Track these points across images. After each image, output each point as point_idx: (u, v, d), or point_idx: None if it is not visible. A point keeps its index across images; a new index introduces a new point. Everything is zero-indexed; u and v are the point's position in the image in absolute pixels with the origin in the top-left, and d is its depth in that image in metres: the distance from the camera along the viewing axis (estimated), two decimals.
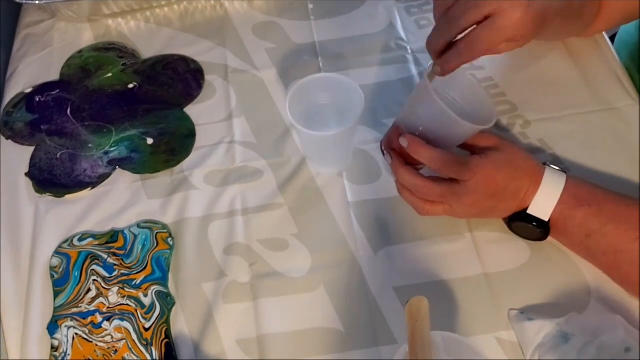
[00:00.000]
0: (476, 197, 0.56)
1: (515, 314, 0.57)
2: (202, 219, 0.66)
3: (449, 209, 0.58)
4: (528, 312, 0.57)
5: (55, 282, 0.62)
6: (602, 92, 0.71)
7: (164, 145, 0.71)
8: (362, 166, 0.68)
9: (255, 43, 0.80)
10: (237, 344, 0.58)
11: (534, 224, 0.57)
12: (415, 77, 0.75)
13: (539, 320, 0.55)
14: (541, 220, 0.57)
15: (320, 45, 0.79)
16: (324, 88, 0.64)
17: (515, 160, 0.57)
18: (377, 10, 0.82)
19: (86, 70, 0.79)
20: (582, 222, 0.56)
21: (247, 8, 0.84)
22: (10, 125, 0.75)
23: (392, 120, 0.71)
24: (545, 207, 0.56)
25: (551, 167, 0.58)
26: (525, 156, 0.59)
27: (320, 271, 0.61)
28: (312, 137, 0.61)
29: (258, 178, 0.68)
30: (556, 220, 0.57)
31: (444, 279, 0.60)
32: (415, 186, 0.58)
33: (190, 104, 0.75)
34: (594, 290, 0.58)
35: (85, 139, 0.73)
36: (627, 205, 0.56)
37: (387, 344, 0.57)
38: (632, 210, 0.55)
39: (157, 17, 0.84)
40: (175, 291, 0.61)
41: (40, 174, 0.70)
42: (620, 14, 0.67)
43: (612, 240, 0.55)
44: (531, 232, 0.59)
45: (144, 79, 0.77)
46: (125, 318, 0.60)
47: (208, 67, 0.78)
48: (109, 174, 0.70)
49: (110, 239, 0.64)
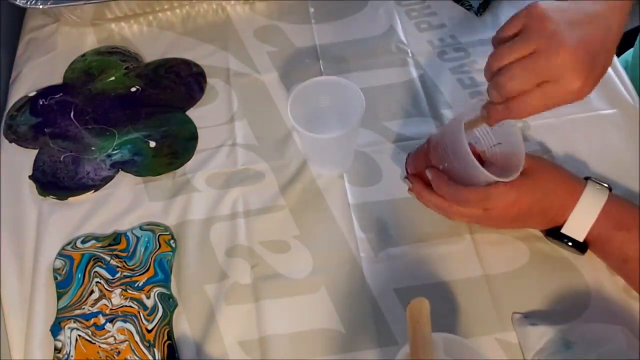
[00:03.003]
0: (496, 222, 0.58)
1: (519, 317, 0.57)
2: (204, 221, 0.66)
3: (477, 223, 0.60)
4: (532, 316, 0.57)
5: (59, 284, 0.62)
6: (602, 95, 0.71)
7: (167, 148, 0.72)
8: (363, 168, 0.68)
9: (257, 46, 0.80)
10: (239, 345, 0.58)
11: (569, 244, 0.56)
12: (416, 80, 0.75)
13: (542, 325, 0.55)
14: (576, 240, 0.56)
15: (322, 48, 0.79)
16: (325, 91, 0.65)
17: (545, 185, 0.55)
18: (378, 14, 0.82)
19: (89, 73, 0.79)
20: (619, 246, 0.54)
21: (249, 12, 0.84)
22: (14, 129, 0.75)
23: (392, 122, 0.72)
24: (580, 228, 0.55)
25: (594, 183, 0.56)
26: (559, 176, 0.57)
27: (321, 273, 0.62)
28: (314, 139, 0.62)
29: (260, 180, 0.69)
30: (593, 240, 0.55)
31: (444, 281, 0.60)
32: (441, 209, 0.59)
33: (192, 107, 0.75)
34: (594, 291, 0.58)
35: (88, 142, 0.73)
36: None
37: (388, 345, 0.57)
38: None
39: (159, 21, 0.85)
40: (178, 293, 0.62)
41: (43, 177, 0.71)
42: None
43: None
44: (567, 249, 0.58)
45: (147, 82, 0.78)
46: (128, 320, 0.60)
47: (210, 71, 0.78)
48: (112, 177, 0.70)
49: (113, 241, 0.65)
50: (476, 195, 0.55)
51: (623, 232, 0.54)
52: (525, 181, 0.55)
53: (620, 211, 0.55)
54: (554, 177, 0.57)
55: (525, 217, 0.56)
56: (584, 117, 0.70)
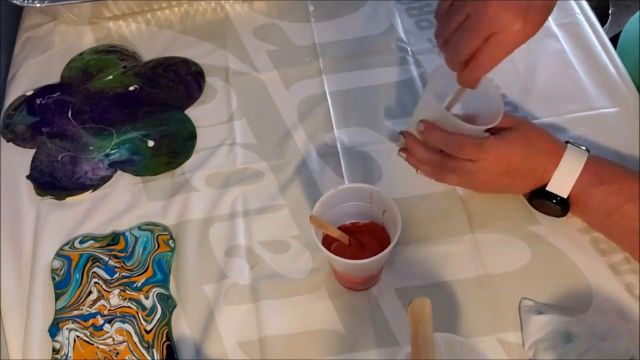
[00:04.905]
0: (487, 175, 0.58)
1: (527, 304, 0.57)
2: (203, 221, 0.66)
3: (463, 182, 0.61)
4: (541, 305, 0.57)
5: (57, 285, 0.62)
6: (604, 93, 0.71)
7: (165, 148, 0.71)
8: (363, 167, 0.68)
9: (256, 45, 0.80)
10: (239, 345, 0.58)
11: (553, 201, 0.58)
12: (416, 79, 0.75)
13: (548, 315, 0.55)
14: (560, 197, 0.58)
15: (321, 47, 0.79)
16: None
17: (533, 140, 0.58)
18: (378, 12, 0.82)
19: (87, 72, 0.79)
20: (601, 200, 0.56)
21: (248, 10, 0.84)
22: (12, 128, 0.75)
23: (392, 121, 0.71)
24: (564, 184, 0.57)
25: (573, 145, 0.59)
26: (544, 135, 0.59)
27: (321, 273, 0.61)
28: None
29: (259, 180, 0.68)
30: (576, 197, 0.58)
31: (445, 280, 0.60)
32: (430, 161, 0.60)
33: (191, 106, 0.75)
34: (596, 291, 0.58)
35: (86, 141, 0.73)
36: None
37: (388, 345, 0.57)
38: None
39: (157, 20, 0.84)
40: (177, 293, 0.61)
41: (41, 177, 0.70)
42: None
43: (631, 220, 0.55)
44: (550, 209, 0.60)
45: (145, 81, 0.78)
46: (126, 320, 0.59)
47: (209, 69, 0.78)
48: (110, 177, 0.70)
49: (112, 242, 0.64)
50: (470, 141, 0.57)
51: (604, 186, 0.56)
52: (514, 136, 0.57)
53: (600, 168, 0.57)
54: (539, 135, 0.59)
55: (514, 174, 0.58)
56: (585, 115, 0.70)
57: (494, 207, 0.63)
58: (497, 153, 0.57)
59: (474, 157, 0.57)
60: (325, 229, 0.55)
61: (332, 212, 0.57)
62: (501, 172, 0.58)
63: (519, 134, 0.58)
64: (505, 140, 0.57)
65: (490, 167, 0.57)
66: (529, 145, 0.58)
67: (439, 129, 0.58)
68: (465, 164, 0.58)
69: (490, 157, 0.57)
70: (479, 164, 0.57)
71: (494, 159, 0.57)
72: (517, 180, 0.59)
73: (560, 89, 0.72)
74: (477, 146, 0.57)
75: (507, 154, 0.57)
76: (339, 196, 0.57)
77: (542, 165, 0.58)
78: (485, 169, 0.57)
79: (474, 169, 0.58)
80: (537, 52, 0.75)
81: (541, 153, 0.58)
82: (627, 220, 0.55)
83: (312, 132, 0.71)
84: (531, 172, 0.58)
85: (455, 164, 0.58)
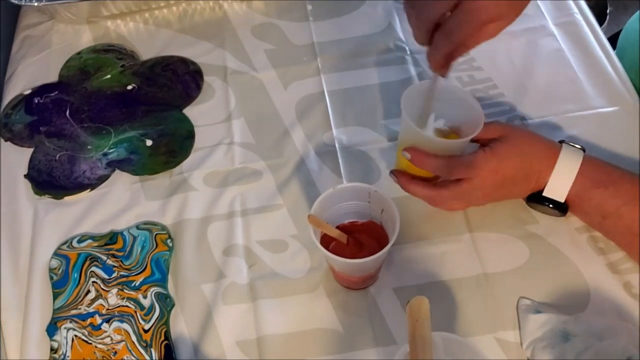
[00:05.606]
0: (484, 191, 0.58)
1: (525, 303, 0.57)
2: (201, 220, 0.65)
3: (465, 204, 0.61)
4: (539, 304, 0.57)
5: (55, 284, 0.62)
6: (601, 92, 0.71)
7: (163, 147, 0.71)
8: (361, 167, 0.68)
9: (254, 44, 0.80)
10: (237, 345, 0.58)
11: (550, 206, 0.58)
12: (414, 78, 0.75)
13: (546, 314, 0.55)
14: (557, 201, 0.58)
15: (319, 46, 0.79)
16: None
17: (524, 146, 0.57)
18: (376, 11, 0.82)
19: (85, 71, 0.79)
20: (598, 203, 0.56)
21: (246, 9, 0.84)
22: (9, 127, 0.75)
23: (390, 121, 0.71)
24: (560, 189, 0.57)
25: (568, 145, 0.58)
26: (535, 139, 0.59)
27: (319, 272, 0.61)
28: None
29: (257, 179, 0.68)
30: (572, 200, 0.58)
31: (443, 280, 0.60)
32: (428, 197, 0.60)
33: (189, 105, 0.75)
34: (594, 290, 0.58)
35: (84, 140, 0.72)
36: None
37: (386, 344, 0.57)
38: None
39: (155, 19, 0.84)
40: (175, 292, 0.61)
41: (39, 176, 0.70)
42: None
43: (628, 221, 0.55)
44: (549, 211, 0.60)
45: (143, 80, 0.77)
46: (124, 320, 0.59)
47: (207, 69, 0.78)
48: (108, 176, 0.70)
49: (110, 241, 0.64)
50: (459, 161, 0.56)
51: (600, 189, 0.56)
52: (504, 146, 0.57)
53: (596, 170, 0.57)
54: (530, 141, 0.58)
55: (510, 185, 0.58)
56: (584, 115, 0.70)
57: (492, 207, 0.63)
58: (489, 167, 0.56)
59: (467, 176, 0.56)
60: (324, 228, 0.55)
61: (330, 212, 0.57)
62: (497, 185, 0.57)
63: (509, 143, 0.57)
64: (495, 152, 0.56)
65: (485, 183, 0.57)
66: (520, 154, 0.57)
67: (425, 155, 0.57)
68: (460, 186, 0.57)
69: (482, 172, 0.56)
70: (473, 183, 0.57)
71: (487, 173, 0.56)
72: (514, 188, 0.58)
73: (558, 88, 0.72)
74: (467, 165, 0.56)
75: (499, 166, 0.56)
76: (337, 195, 0.57)
77: (537, 170, 0.57)
78: (480, 185, 0.57)
79: (470, 188, 0.57)
80: (535, 52, 0.75)
81: (534, 159, 0.57)
82: (625, 221, 0.55)
83: (310, 131, 0.71)
84: (526, 178, 0.58)
85: (453, 193, 0.58)
